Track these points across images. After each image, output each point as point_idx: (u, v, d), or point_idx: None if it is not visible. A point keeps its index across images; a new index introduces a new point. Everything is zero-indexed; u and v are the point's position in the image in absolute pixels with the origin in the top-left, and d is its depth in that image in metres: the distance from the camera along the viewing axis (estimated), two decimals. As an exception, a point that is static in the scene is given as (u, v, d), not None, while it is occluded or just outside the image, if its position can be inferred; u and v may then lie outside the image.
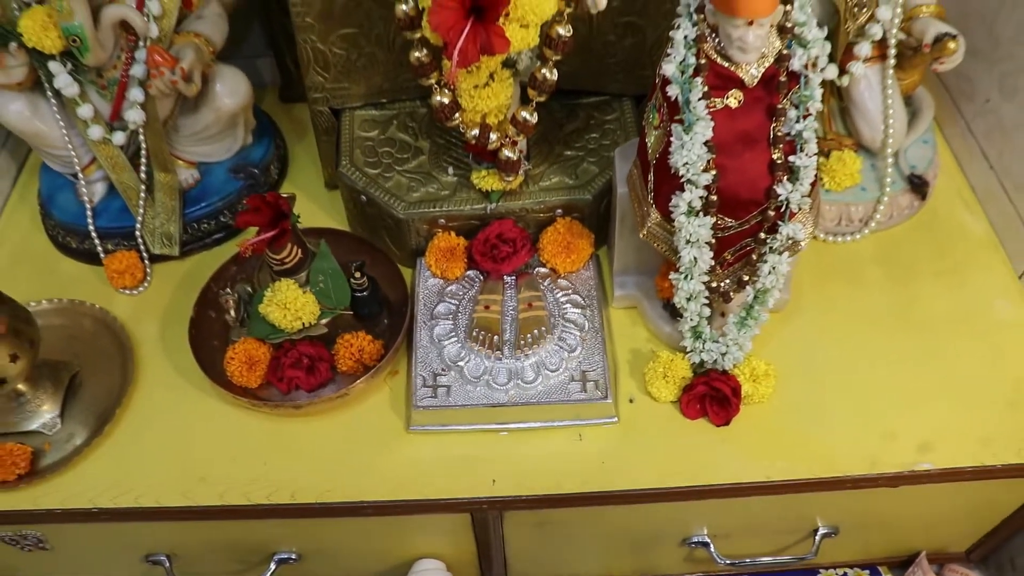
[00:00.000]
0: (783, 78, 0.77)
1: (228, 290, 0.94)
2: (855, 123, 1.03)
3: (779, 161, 0.78)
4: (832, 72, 0.98)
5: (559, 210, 0.99)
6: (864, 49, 0.97)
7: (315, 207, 1.11)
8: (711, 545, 0.97)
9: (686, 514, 0.94)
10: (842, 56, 0.99)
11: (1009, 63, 1.01)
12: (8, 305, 0.87)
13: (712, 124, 0.76)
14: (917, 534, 1.03)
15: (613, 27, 0.98)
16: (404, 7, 0.81)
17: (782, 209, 0.80)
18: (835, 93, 1.04)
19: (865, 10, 0.97)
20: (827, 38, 0.94)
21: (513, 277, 0.98)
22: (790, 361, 0.93)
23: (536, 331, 0.93)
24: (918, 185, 1.04)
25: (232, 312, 0.93)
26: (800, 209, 0.80)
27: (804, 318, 0.97)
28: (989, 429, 0.88)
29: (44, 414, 0.91)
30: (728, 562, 0.98)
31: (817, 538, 0.97)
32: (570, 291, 0.97)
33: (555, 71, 0.87)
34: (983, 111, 1.07)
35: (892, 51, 0.99)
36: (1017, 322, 0.96)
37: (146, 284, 1.04)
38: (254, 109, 1.10)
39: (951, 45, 0.93)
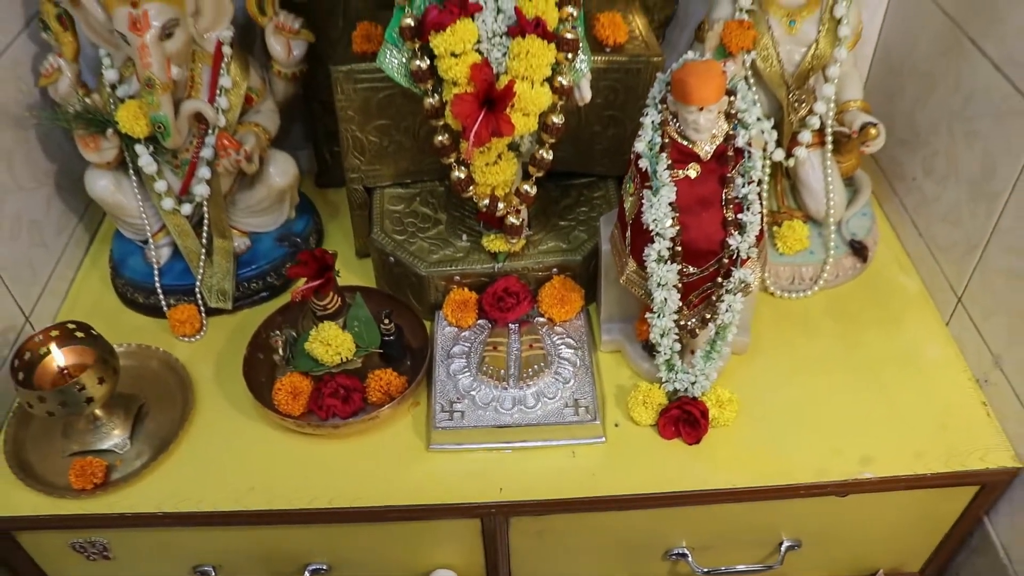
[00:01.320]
0: (730, 153, 0.99)
1: (278, 332, 1.14)
2: (802, 198, 1.26)
3: (730, 219, 1.00)
4: (780, 155, 1.22)
5: (555, 269, 1.21)
6: (805, 137, 1.21)
7: (348, 272, 1.32)
8: (689, 556, 1.13)
9: (666, 524, 1.10)
10: (788, 142, 1.22)
11: (927, 148, 1.24)
12: (98, 339, 1.07)
13: (675, 189, 0.99)
14: (874, 550, 1.18)
15: (598, 119, 1.22)
16: (431, 100, 1.04)
17: (734, 257, 1.00)
18: (785, 173, 1.27)
19: (804, 105, 1.21)
20: (774, 127, 1.20)
21: (517, 324, 1.19)
22: (751, 392, 1.12)
23: (536, 366, 1.12)
24: (858, 249, 1.26)
25: (280, 351, 1.13)
26: (749, 257, 1.01)
27: (763, 358, 1.17)
28: (921, 446, 1.06)
29: (115, 436, 1.10)
30: (705, 571, 1.14)
31: (782, 549, 1.14)
32: (564, 335, 1.18)
33: (551, 152, 1.10)
34: (911, 188, 1.30)
35: (829, 138, 1.22)
36: (945, 361, 1.16)
37: (203, 333, 1.24)
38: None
39: (872, 131, 1.17)
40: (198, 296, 1.25)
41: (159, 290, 1.25)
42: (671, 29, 1.37)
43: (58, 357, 1.06)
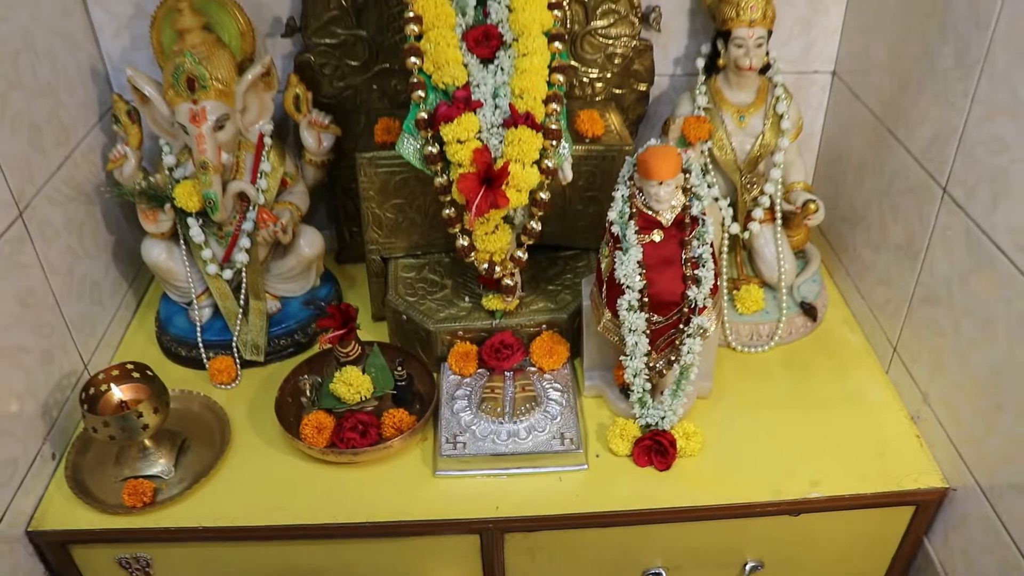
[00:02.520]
0: (687, 220, 1.22)
1: (306, 376, 1.34)
2: (757, 266, 1.49)
3: (689, 274, 1.22)
4: (736, 229, 1.46)
5: (544, 325, 1.42)
6: (758, 213, 1.45)
7: (365, 332, 1.49)
8: (664, 574, 1.29)
9: (643, 542, 1.27)
10: (744, 219, 1.46)
11: (863, 223, 1.48)
12: (153, 378, 1.28)
13: (642, 251, 1.21)
14: (831, 573, 1.34)
15: (580, 199, 1.46)
16: (440, 179, 1.28)
17: (693, 307, 1.22)
18: (742, 245, 1.50)
19: (756, 186, 1.45)
20: (731, 205, 1.43)
21: (511, 372, 1.39)
22: (715, 428, 1.31)
23: (528, 405, 1.32)
24: (808, 310, 1.48)
25: (308, 392, 1.33)
26: (705, 306, 1.22)
27: (725, 401, 1.37)
28: (863, 471, 1.25)
29: (161, 464, 1.28)
30: (679, 590, 1.30)
31: (747, 570, 1.30)
32: (552, 381, 1.38)
33: (539, 223, 1.33)
34: (853, 258, 1.53)
35: (779, 214, 1.46)
36: (884, 402, 1.36)
37: (238, 381, 1.44)
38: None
39: (812, 207, 1.41)
40: (235, 350, 1.45)
41: (200, 345, 1.45)
42: (643, 126, 1.62)
43: (118, 392, 1.27)
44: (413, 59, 1.25)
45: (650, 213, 1.21)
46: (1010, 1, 1.04)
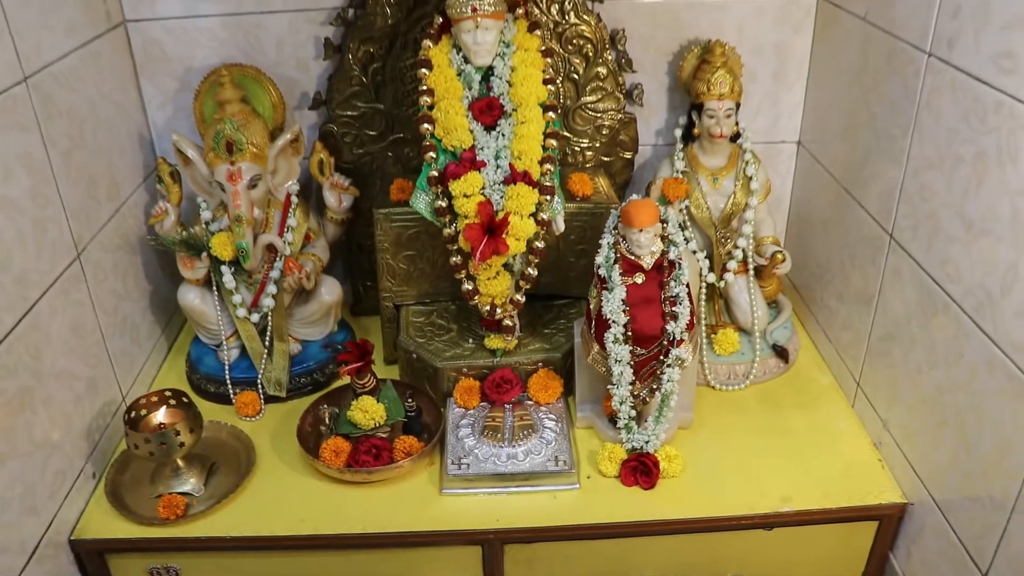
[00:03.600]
0: (665, 264, 1.41)
1: (325, 407, 1.50)
2: (732, 312, 1.66)
3: (667, 311, 1.39)
4: (712, 279, 1.64)
5: (540, 364, 1.58)
6: (732, 265, 1.63)
7: (378, 373, 1.68)
8: (651, 588, 1.42)
9: (631, 555, 1.40)
10: (720, 269, 1.64)
11: (829, 275, 1.66)
12: (189, 403, 1.43)
13: (626, 290, 1.39)
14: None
15: (572, 252, 1.64)
16: (449, 230, 1.47)
17: (672, 340, 1.39)
18: (720, 294, 1.68)
19: (730, 241, 1.64)
20: (707, 257, 1.61)
21: (511, 404, 1.54)
22: (696, 453, 1.46)
23: (525, 432, 1.47)
24: (780, 352, 1.64)
25: (327, 420, 1.49)
26: (683, 339, 1.39)
27: (705, 431, 1.52)
28: (829, 489, 1.39)
29: (192, 483, 1.43)
30: (665, 603, 1.43)
31: (727, 584, 1.43)
32: (548, 413, 1.53)
33: (535, 270, 1.51)
34: (821, 307, 1.70)
35: (751, 266, 1.64)
36: (849, 431, 1.51)
37: (262, 414, 1.59)
38: (337, 312, 1.74)
39: (779, 257, 1.59)
40: (259, 386, 1.61)
41: (228, 381, 1.62)
42: (628, 189, 1.82)
43: (158, 415, 1.42)
44: (426, 125, 1.46)
45: (632, 258, 1.39)
46: (930, 75, 1.25)
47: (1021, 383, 1.07)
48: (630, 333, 1.39)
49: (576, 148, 1.75)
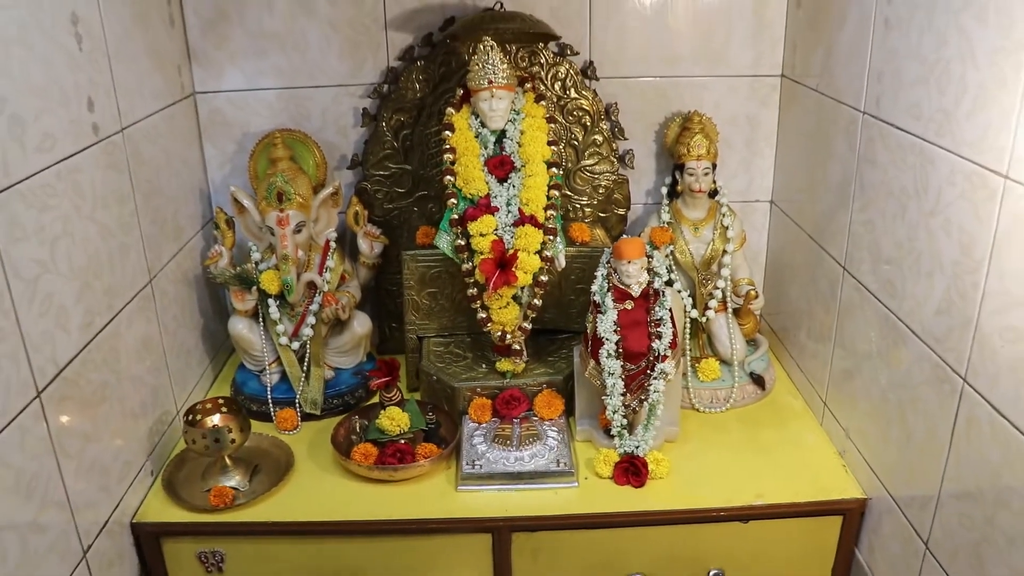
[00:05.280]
0: (651, 292, 1.66)
1: (356, 418, 1.73)
2: (714, 345, 1.90)
3: (653, 332, 1.64)
4: (695, 314, 1.88)
5: (544, 385, 1.82)
6: (713, 303, 1.88)
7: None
8: (641, 578, 1.61)
9: (624, 546, 1.59)
10: (702, 307, 1.89)
11: (802, 317, 1.91)
12: (240, 408, 1.67)
13: (617, 314, 1.64)
14: (781, 585, 1.66)
15: (572, 291, 1.90)
16: (467, 265, 1.73)
17: (657, 356, 1.63)
18: (702, 329, 1.92)
19: (710, 282, 1.90)
20: (691, 296, 1.86)
21: (519, 419, 1.77)
22: (680, 460, 1.67)
23: (531, 439, 1.69)
24: (757, 380, 1.87)
25: (357, 429, 1.71)
26: (667, 355, 1.63)
27: (690, 444, 1.74)
28: (798, 488, 1.60)
29: (237, 479, 1.65)
30: (654, 593, 1.61)
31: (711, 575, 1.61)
32: (551, 426, 1.76)
33: (540, 300, 1.76)
34: (795, 344, 1.94)
35: (730, 305, 1.89)
36: (817, 444, 1.73)
37: (299, 429, 1.82)
38: (365, 345, 1.99)
39: (752, 294, 1.84)
40: (297, 405, 1.85)
41: (270, 401, 1.85)
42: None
43: (213, 418, 1.65)
44: (449, 177, 1.75)
45: (623, 287, 1.65)
46: (864, 129, 1.53)
47: (942, 369, 1.31)
48: (621, 351, 1.63)
49: (576, 205, 2.03)
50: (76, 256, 1.39)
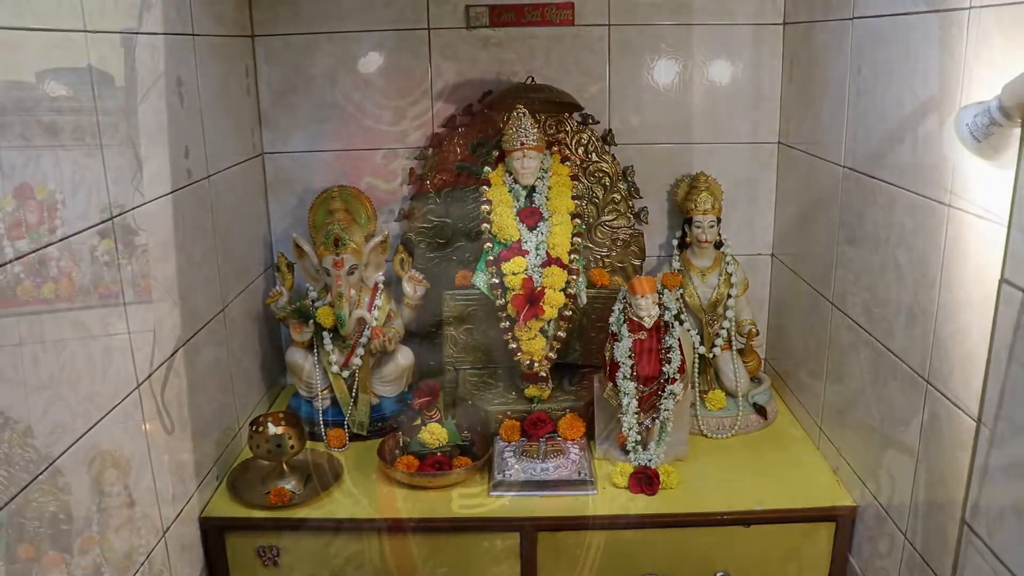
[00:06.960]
0: (662, 324, 1.90)
1: (399, 434, 1.96)
2: (720, 379, 2.13)
3: (664, 358, 1.87)
4: (703, 350, 2.12)
5: (568, 410, 2.04)
6: (719, 342, 2.12)
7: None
8: (654, 578, 1.80)
9: (637, 548, 1.79)
10: (709, 345, 2.13)
11: (803, 357, 2.13)
12: (297, 421, 1.91)
13: (632, 342, 1.88)
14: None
15: (593, 328, 2.15)
16: (501, 301, 1.99)
17: (667, 379, 1.86)
18: (710, 364, 2.15)
19: (717, 323, 2.14)
20: (699, 334, 2.11)
21: (544, 439, 1.99)
22: (689, 475, 1.88)
23: (555, 454, 1.91)
24: (760, 410, 2.09)
25: (400, 444, 1.95)
26: (675, 378, 1.86)
27: (698, 462, 1.95)
28: (795, 497, 1.80)
29: (293, 483, 1.87)
30: (666, 592, 1.80)
31: (716, 577, 1.80)
32: (573, 444, 1.97)
33: (565, 332, 2.01)
34: (796, 381, 2.16)
35: (735, 344, 2.12)
36: (814, 464, 1.94)
37: (347, 447, 2.05)
38: (406, 378, 2.23)
39: (753, 331, 2.08)
40: (346, 426, 2.08)
41: (321, 423, 2.09)
42: (640, 290, 2.34)
43: (272, 428, 1.89)
44: (486, 225, 2.02)
45: (637, 319, 1.89)
46: (844, 180, 1.79)
47: (906, 374, 1.53)
48: (635, 374, 1.87)
49: (597, 255, 2.30)
50: (168, 275, 1.66)
